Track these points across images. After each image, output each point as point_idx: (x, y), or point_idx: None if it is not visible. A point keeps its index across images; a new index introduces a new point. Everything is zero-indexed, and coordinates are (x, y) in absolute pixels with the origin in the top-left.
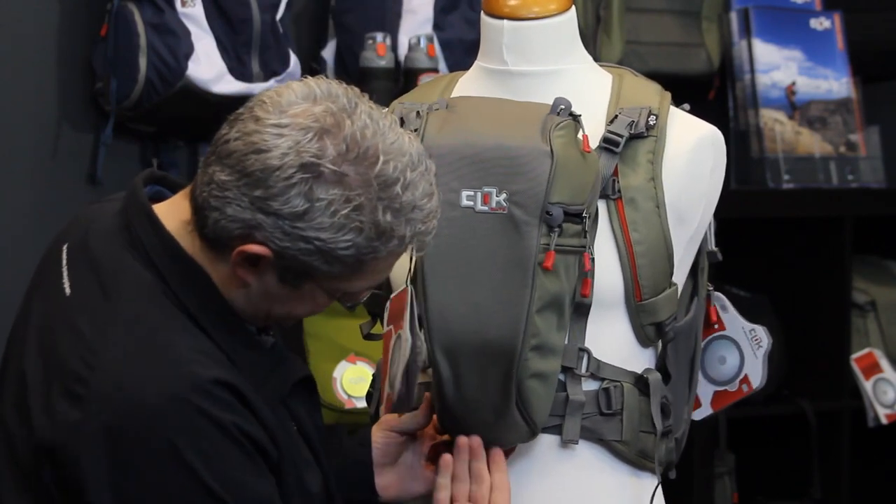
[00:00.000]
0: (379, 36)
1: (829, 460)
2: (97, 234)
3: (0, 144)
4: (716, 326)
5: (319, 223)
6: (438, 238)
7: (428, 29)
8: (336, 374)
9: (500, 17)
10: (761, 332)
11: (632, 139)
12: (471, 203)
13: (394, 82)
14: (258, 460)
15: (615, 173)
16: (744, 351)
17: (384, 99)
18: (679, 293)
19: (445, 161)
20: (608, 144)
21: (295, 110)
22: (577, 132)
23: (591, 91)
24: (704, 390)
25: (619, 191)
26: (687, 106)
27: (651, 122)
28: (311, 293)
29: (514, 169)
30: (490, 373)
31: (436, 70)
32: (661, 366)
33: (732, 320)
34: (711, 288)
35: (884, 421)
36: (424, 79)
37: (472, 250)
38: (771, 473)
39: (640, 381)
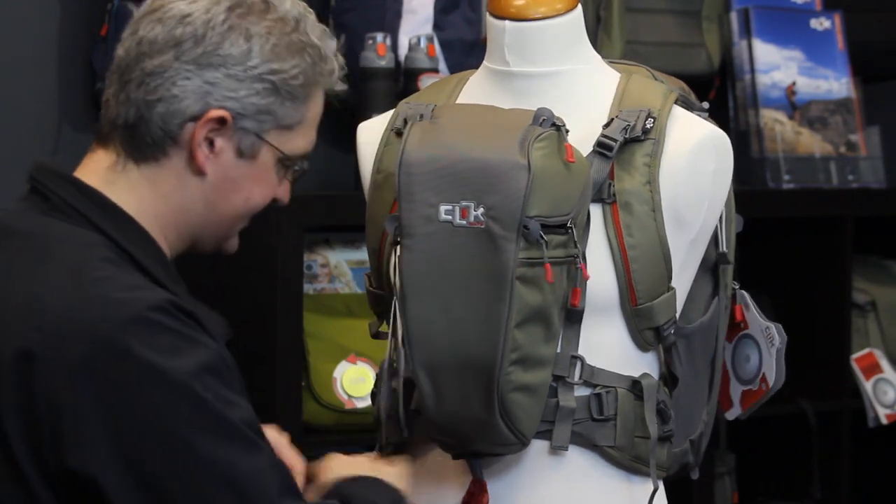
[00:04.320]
0: (379, 36)
1: (829, 460)
2: (12, 217)
3: (0, 144)
4: (741, 325)
5: (267, 55)
6: (417, 253)
7: (428, 29)
8: (336, 374)
9: (503, 18)
10: (774, 329)
11: (629, 142)
12: (449, 217)
13: (394, 82)
14: (232, 376)
15: (611, 177)
16: (762, 349)
17: (384, 99)
18: (678, 297)
19: (424, 175)
20: (602, 149)
21: None
22: (560, 142)
23: (595, 92)
24: (735, 390)
25: (615, 195)
26: (706, 104)
27: (648, 125)
28: (264, 167)
29: (491, 183)
30: (471, 387)
31: (436, 70)
32: (667, 369)
33: (753, 319)
34: (738, 286)
35: (884, 421)
36: (424, 79)
37: (451, 265)
38: (771, 473)
39: (636, 386)
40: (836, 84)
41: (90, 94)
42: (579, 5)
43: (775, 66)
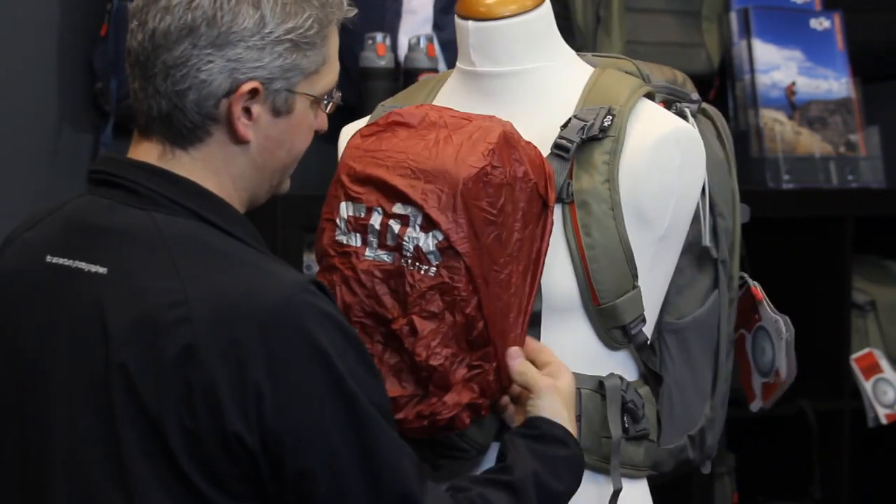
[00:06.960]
0: (379, 36)
1: (829, 460)
2: (102, 216)
3: (0, 144)
4: (756, 317)
5: (279, 16)
6: None
7: (428, 29)
8: None
9: (466, 18)
10: (782, 322)
11: (587, 141)
12: None
13: (394, 82)
14: (370, 360)
15: (570, 177)
16: (774, 342)
17: (384, 99)
18: (652, 295)
19: None
20: (559, 150)
21: None
22: None
23: (563, 89)
24: (756, 381)
25: (573, 194)
26: (695, 95)
27: (606, 123)
28: (301, 115)
29: None
30: None
31: (436, 70)
32: (646, 368)
33: (764, 311)
34: (747, 276)
35: (884, 421)
36: (424, 79)
37: None
38: (771, 473)
39: (602, 387)
40: (835, 84)
41: (90, 94)
42: (547, 2)
43: (775, 66)
